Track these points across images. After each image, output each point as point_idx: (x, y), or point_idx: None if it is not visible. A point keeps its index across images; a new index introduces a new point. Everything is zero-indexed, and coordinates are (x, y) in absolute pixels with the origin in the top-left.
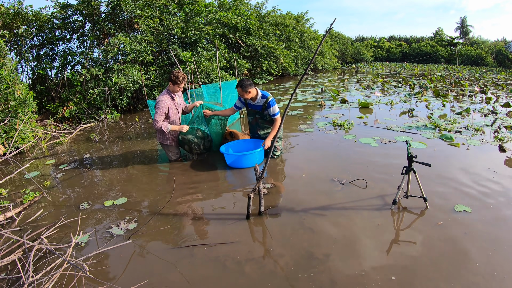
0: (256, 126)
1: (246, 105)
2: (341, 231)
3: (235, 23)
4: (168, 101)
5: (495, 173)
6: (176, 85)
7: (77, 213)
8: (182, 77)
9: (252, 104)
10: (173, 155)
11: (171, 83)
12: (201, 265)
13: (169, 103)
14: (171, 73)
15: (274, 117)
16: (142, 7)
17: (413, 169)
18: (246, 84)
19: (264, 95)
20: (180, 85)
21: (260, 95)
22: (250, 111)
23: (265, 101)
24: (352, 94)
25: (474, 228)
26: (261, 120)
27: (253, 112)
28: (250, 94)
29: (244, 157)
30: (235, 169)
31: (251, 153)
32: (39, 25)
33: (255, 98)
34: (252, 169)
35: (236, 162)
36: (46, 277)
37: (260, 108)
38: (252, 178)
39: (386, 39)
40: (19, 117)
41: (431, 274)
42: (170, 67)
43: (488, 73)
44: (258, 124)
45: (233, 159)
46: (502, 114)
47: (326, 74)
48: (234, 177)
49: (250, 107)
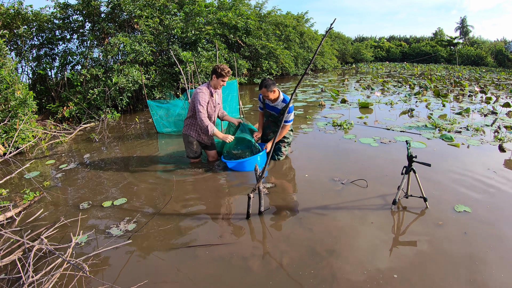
0: (267, 129)
1: (263, 105)
2: (341, 231)
3: (235, 23)
4: (207, 94)
5: (495, 173)
6: (221, 77)
7: (77, 213)
8: (228, 70)
9: (271, 106)
10: (192, 152)
11: (215, 76)
12: (201, 265)
13: (208, 97)
14: (216, 65)
15: (286, 124)
16: (142, 7)
17: (413, 169)
18: (270, 84)
19: (285, 99)
20: (225, 79)
21: (281, 98)
22: (266, 112)
23: (285, 106)
24: (352, 94)
25: (474, 228)
26: (273, 124)
27: (268, 114)
28: (274, 94)
29: (246, 162)
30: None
31: (253, 158)
32: (39, 25)
33: (276, 100)
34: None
35: (238, 167)
36: (46, 277)
37: (278, 111)
38: (252, 178)
39: (386, 39)
40: (19, 117)
41: (432, 274)
42: (170, 67)
43: (488, 73)
44: (270, 127)
45: (234, 165)
46: (502, 114)
47: (326, 74)
48: (234, 177)
49: (267, 108)
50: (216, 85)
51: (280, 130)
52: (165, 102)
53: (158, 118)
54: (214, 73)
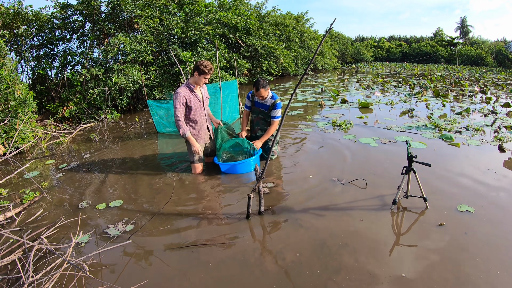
0: (256, 125)
1: (252, 103)
2: (341, 231)
3: (235, 23)
4: (186, 92)
5: (495, 173)
6: (203, 74)
7: (77, 213)
8: (211, 67)
9: (260, 103)
10: (193, 155)
11: (196, 73)
12: (201, 265)
13: (186, 94)
14: (198, 62)
15: (274, 119)
16: (142, 7)
17: (413, 169)
18: (266, 84)
19: (273, 95)
20: (207, 76)
21: (270, 95)
22: (255, 110)
23: (273, 102)
24: (352, 94)
25: (475, 228)
26: (263, 121)
27: (257, 111)
28: (266, 93)
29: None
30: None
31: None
32: (39, 25)
33: (265, 97)
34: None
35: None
36: (46, 277)
37: (267, 108)
38: (252, 178)
39: (386, 39)
40: (19, 117)
41: (433, 273)
42: (170, 67)
43: (488, 73)
44: (258, 123)
45: (227, 168)
46: (502, 114)
47: (326, 74)
48: (233, 177)
49: (257, 106)
50: (197, 82)
51: (268, 128)
52: (165, 102)
53: (158, 118)
54: (196, 69)
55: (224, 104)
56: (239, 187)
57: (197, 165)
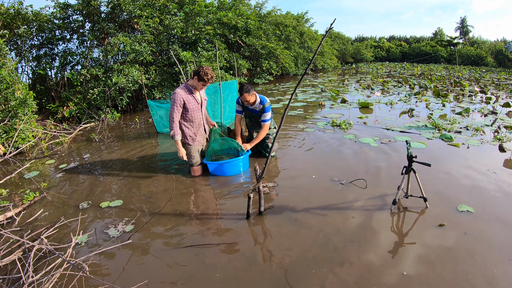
0: (252, 129)
1: (243, 107)
2: (341, 231)
3: (235, 23)
4: (184, 94)
5: (494, 173)
6: (201, 82)
7: (77, 213)
8: (211, 77)
9: (250, 108)
10: (191, 158)
11: (196, 77)
12: (201, 265)
13: (184, 96)
14: (201, 67)
15: (263, 123)
16: (142, 7)
17: (413, 169)
18: (250, 89)
19: (262, 100)
20: (205, 84)
21: (259, 100)
22: (247, 114)
23: (262, 106)
24: (352, 94)
25: (475, 228)
26: (256, 123)
27: (249, 115)
28: (253, 98)
29: (226, 165)
30: None
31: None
32: (39, 25)
33: (254, 103)
34: (251, 170)
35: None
36: (46, 277)
37: (257, 112)
38: (251, 178)
39: (386, 39)
40: (19, 117)
41: (433, 272)
42: (170, 67)
43: (488, 73)
44: (253, 127)
45: (214, 167)
46: (502, 114)
47: (326, 74)
48: (233, 177)
49: (247, 110)
50: (196, 86)
51: (259, 132)
52: (165, 102)
53: (158, 118)
54: (197, 74)
55: (224, 104)
56: (239, 187)
57: (196, 168)
